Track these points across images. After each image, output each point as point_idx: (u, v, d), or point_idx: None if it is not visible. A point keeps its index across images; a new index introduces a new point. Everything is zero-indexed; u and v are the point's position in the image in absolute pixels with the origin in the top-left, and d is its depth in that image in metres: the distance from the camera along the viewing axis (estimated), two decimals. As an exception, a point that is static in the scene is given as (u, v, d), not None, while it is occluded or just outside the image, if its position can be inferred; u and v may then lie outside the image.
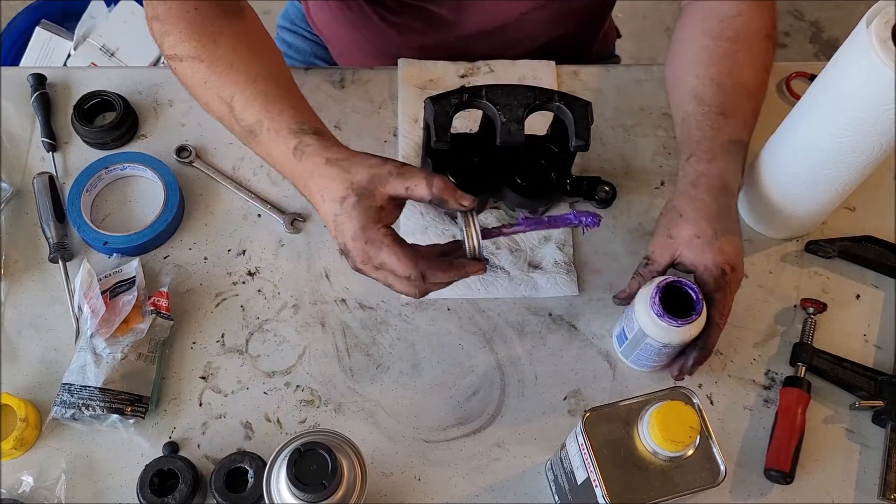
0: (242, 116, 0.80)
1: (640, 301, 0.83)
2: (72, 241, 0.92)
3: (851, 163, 0.84)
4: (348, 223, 0.73)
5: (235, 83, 0.81)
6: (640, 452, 0.69)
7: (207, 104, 0.84)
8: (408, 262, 0.73)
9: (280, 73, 0.85)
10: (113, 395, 0.82)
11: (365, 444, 0.82)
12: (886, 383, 0.88)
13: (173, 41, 0.83)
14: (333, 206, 0.74)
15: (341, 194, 0.74)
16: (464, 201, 0.74)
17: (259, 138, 0.80)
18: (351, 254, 0.75)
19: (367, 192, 0.74)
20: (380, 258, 0.73)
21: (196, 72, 0.82)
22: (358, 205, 0.73)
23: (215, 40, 0.82)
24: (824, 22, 2.32)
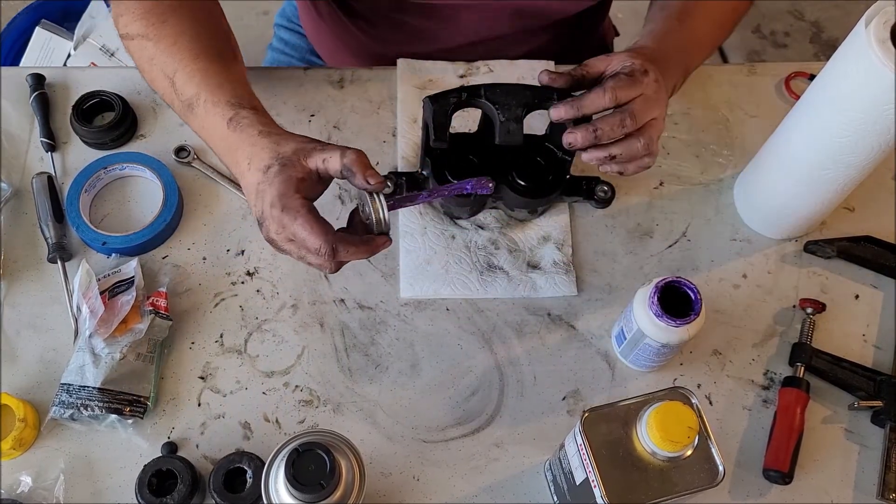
0: (183, 90, 0.81)
1: (639, 301, 0.83)
2: (70, 241, 0.92)
3: (850, 163, 0.84)
4: (269, 190, 0.73)
5: (179, 59, 0.82)
6: (638, 453, 0.69)
7: (153, 80, 0.85)
8: (319, 235, 0.72)
9: (225, 51, 0.85)
10: (111, 395, 0.82)
11: (364, 445, 0.83)
12: (885, 383, 0.88)
13: (126, 21, 0.85)
14: (257, 175, 0.74)
15: (266, 163, 0.74)
16: (371, 179, 0.73)
17: (195, 111, 0.81)
18: (266, 222, 0.74)
19: (291, 162, 0.74)
20: (292, 228, 0.73)
21: (144, 49, 0.84)
22: (280, 173, 0.73)
23: (164, 20, 0.84)
24: (824, 22, 2.32)
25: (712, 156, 1.03)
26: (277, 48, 1.27)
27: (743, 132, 1.05)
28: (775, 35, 2.30)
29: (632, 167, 0.84)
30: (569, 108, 0.80)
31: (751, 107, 1.07)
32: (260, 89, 0.88)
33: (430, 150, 0.89)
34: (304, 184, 0.74)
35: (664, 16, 0.93)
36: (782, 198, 0.93)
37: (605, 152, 0.82)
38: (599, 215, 0.98)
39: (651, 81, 0.81)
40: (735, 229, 0.99)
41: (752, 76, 1.09)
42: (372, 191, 0.74)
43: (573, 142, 0.80)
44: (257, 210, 0.75)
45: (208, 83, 0.81)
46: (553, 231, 0.96)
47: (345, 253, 0.74)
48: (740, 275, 0.96)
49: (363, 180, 0.73)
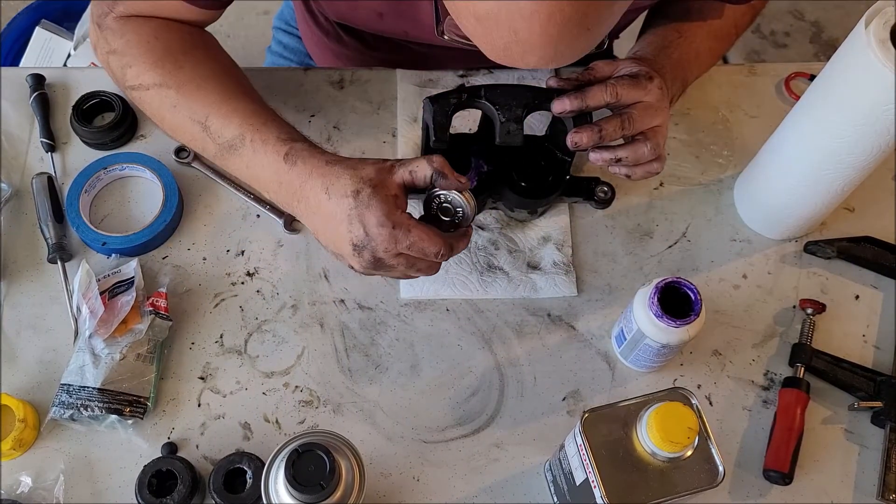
0: (221, 133, 0.81)
1: (639, 302, 0.83)
2: (70, 241, 0.92)
3: (850, 163, 0.84)
4: (370, 213, 0.73)
5: (209, 103, 0.81)
6: (638, 453, 0.69)
7: (177, 128, 0.84)
8: (437, 238, 0.75)
9: (250, 89, 0.86)
10: (111, 395, 0.82)
11: (363, 445, 0.83)
12: (885, 384, 0.88)
13: (136, 72, 0.84)
14: (346, 201, 0.74)
15: (353, 188, 0.74)
16: (462, 178, 0.76)
17: (240, 152, 0.80)
18: (372, 243, 0.74)
19: (380, 182, 0.74)
20: (409, 239, 0.74)
21: (164, 98, 0.83)
22: (374, 194, 0.73)
23: (180, 66, 0.83)
24: (824, 22, 2.32)
25: (712, 156, 1.03)
26: (276, 51, 1.27)
27: (743, 133, 1.05)
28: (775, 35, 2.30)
29: (640, 171, 0.84)
30: (572, 99, 0.81)
31: (751, 107, 1.06)
32: (260, 90, 0.88)
33: (430, 151, 0.89)
34: (399, 200, 0.75)
35: (664, 27, 0.93)
36: (782, 198, 0.93)
37: (612, 154, 0.82)
38: (599, 216, 0.98)
39: (655, 88, 0.82)
40: (735, 230, 0.99)
41: (752, 76, 1.09)
42: (464, 188, 0.77)
43: (578, 141, 0.81)
44: (356, 235, 0.74)
45: (251, 122, 0.80)
46: (553, 231, 0.96)
47: (456, 249, 0.77)
48: (740, 275, 0.96)
49: (456, 180, 0.76)
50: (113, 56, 0.85)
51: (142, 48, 0.84)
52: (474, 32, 0.64)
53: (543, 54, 0.63)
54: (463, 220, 0.79)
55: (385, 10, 0.91)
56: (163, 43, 0.84)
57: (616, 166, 0.84)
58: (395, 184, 0.75)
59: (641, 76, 0.82)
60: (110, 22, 0.85)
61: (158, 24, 0.85)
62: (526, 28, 0.60)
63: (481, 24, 0.62)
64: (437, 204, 0.79)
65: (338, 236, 0.75)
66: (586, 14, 0.60)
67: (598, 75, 0.84)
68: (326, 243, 0.78)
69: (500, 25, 0.61)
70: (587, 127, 0.81)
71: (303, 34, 1.21)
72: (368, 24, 0.96)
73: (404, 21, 0.92)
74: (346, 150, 1.00)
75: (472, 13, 0.62)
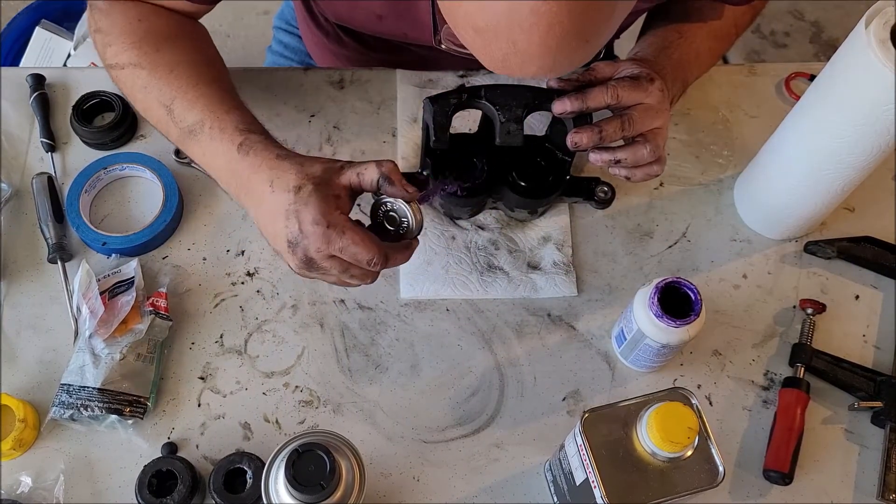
0: (183, 118, 0.81)
1: (639, 302, 0.83)
2: (71, 241, 0.92)
3: (850, 163, 0.84)
4: (306, 210, 0.72)
5: (177, 87, 0.82)
6: (638, 453, 0.69)
7: (146, 109, 0.85)
8: (371, 245, 0.73)
9: (222, 79, 0.85)
10: (111, 395, 0.82)
11: (364, 445, 0.83)
12: (885, 384, 0.88)
13: (115, 51, 0.84)
14: (286, 196, 0.73)
15: (295, 183, 0.73)
16: (408, 188, 0.75)
17: (198, 137, 0.80)
18: (305, 241, 0.72)
19: (324, 180, 0.73)
20: (342, 242, 0.72)
21: (136, 78, 0.83)
22: (315, 192, 0.72)
23: (158, 49, 0.84)
24: (824, 22, 2.32)
25: (712, 156, 1.03)
26: (276, 51, 1.27)
27: (743, 133, 1.05)
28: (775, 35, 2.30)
29: (639, 173, 0.84)
30: (573, 100, 0.80)
31: (751, 107, 1.06)
32: (260, 90, 0.88)
33: (430, 151, 0.89)
34: (340, 201, 0.74)
35: (664, 27, 0.93)
36: (782, 198, 0.93)
37: (612, 155, 0.82)
38: (599, 216, 0.98)
39: (656, 90, 0.82)
40: (735, 230, 0.99)
41: (752, 76, 1.09)
42: (411, 199, 0.75)
43: (578, 142, 0.81)
44: (291, 231, 0.73)
45: (212, 109, 0.80)
46: (553, 231, 0.96)
47: (393, 259, 0.75)
48: (740, 275, 0.96)
49: (402, 189, 0.74)
50: (98, 34, 0.86)
51: (125, 28, 0.85)
52: (473, 43, 0.64)
53: (542, 65, 0.63)
54: (407, 231, 0.77)
55: (384, 11, 0.91)
56: (145, 26, 0.85)
57: (616, 168, 0.84)
58: (341, 185, 0.74)
59: (642, 78, 0.82)
60: (100, 2, 0.86)
61: (145, 9, 0.86)
62: (525, 40, 0.60)
63: (480, 36, 0.62)
64: (384, 212, 0.77)
65: (276, 231, 0.74)
66: (585, 26, 0.60)
67: (599, 76, 0.84)
68: (267, 237, 0.77)
69: (498, 37, 0.61)
70: (587, 128, 0.81)
71: (303, 35, 1.21)
72: (367, 26, 0.96)
73: (403, 23, 0.92)
74: (346, 150, 1.00)
75: (470, 25, 0.62)
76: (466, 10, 0.61)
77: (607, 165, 0.84)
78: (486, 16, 0.60)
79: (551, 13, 0.58)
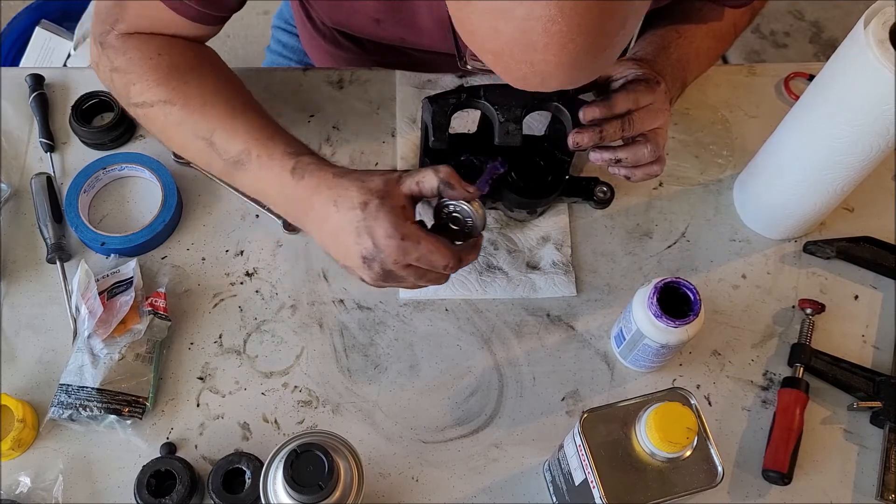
0: (226, 149, 0.80)
1: (638, 302, 0.83)
2: (70, 241, 0.92)
3: (850, 163, 0.84)
4: (378, 224, 0.73)
5: (214, 118, 0.81)
6: (637, 453, 0.69)
7: (183, 145, 0.84)
8: (446, 251, 0.74)
9: (254, 104, 0.85)
10: (110, 395, 0.82)
11: (362, 445, 0.83)
12: (884, 384, 0.88)
13: (140, 89, 0.83)
14: (353, 213, 0.73)
15: (361, 199, 0.73)
16: (469, 188, 0.76)
17: (246, 167, 0.80)
18: (381, 255, 0.73)
19: (388, 193, 0.74)
20: (418, 251, 0.73)
21: (168, 114, 0.82)
22: (382, 206, 0.73)
23: (185, 82, 0.83)
24: (824, 22, 2.32)
25: (712, 156, 1.03)
26: (275, 50, 1.27)
27: (742, 133, 1.05)
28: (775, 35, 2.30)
29: (639, 173, 0.84)
30: (602, 107, 0.81)
31: (750, 107, 1.06)
32: (259, 90, 0.88)
33: (429, 151, 0.89)
34: (406, 211, 0.75)
35: (663, 27, 0.93)
36: (782, 198, 0.93)
37: (612, 155, 0.83)
38: (599, 216, 0.98)
39: (661, 91, 0.82)
40: (734, 230, 0.99)
41: (752, 76, 1.09)
42: (472, 198, 0.76)
43: (580, 142, 0.81)
44: (365, 247, 0.73)
45: (256, 137, 0.80)
46: (552, 231, 0.96)
47: (465, 261, 0.76)
48: (739, 275, 0.96)
49: (463, 190, 0.75)
50: (116, 73, 0.84)
51: (146, 65, 0.83)
52: (493, 65, 0.64)
53: (562, 80, 0.63)
54: (472, 229, 0.78)
55: (382, 15, 0.91)
56: (167, 60, 0.84)
57: (616, 167, 0.84)
58: (403, 195, 0.75)
59: (651, 81, 0.82)
60: (112, 40, 0.84)
61: (162, 42, 0.85)
62: (541, 60, 0.61)
63: (498, 59, 0.63)
64: (447, 214, 0.78)
65: (347, 249, 0.75)
66: (599, 38, 0.60)
67: (601, 78, 0.84)
68: (336, 256, 0.77)
69: (515, 59, 0.61)
70: (587, 128, 0.81)
71: (301, 37, 1.21)
72: (365, 30, 0.96)
73: (401, 27, 0.92)
74: (345, 150, 1.00)
75: (488, 50, 0.62)
76: (481, 35, 0.62)
77: (607, 165, 0.84)
78: (501, 40, 0.61)
79: (562, 32, 0.58)
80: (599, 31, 0.59)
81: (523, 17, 0.58)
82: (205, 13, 0.83)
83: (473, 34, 0.63)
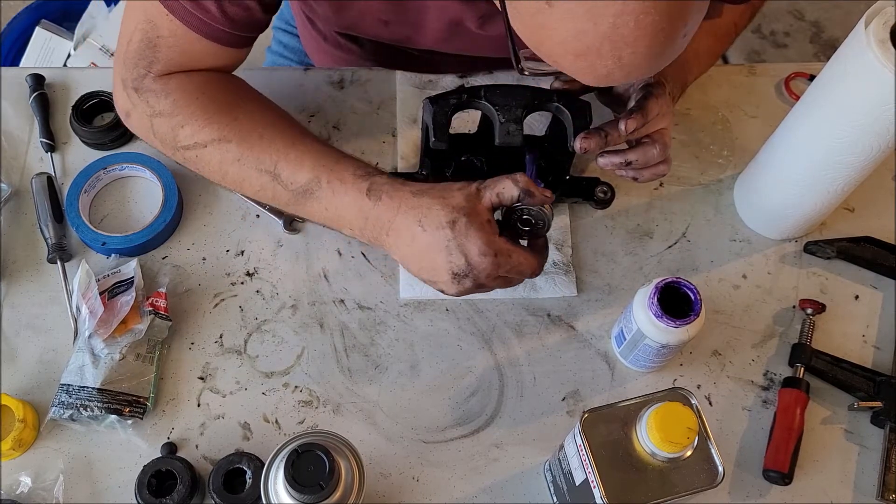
0: (293, 179, 0.80)
1: (639, 302, 0.83)
2: (70, 241, 0.92)
3: (850, 163, 0.84)
4: (470, 242, 0.74)
5: (275, 150, 0.80)
6: (638, 453, 0.69)
7: (243, 181, 0.82)
8: (533, 260, 0.77)
9: (309, 132, 0.85)
10: (111, 395, 0.82)
11: (363, 445, 0.83)
12: (885, 384, 0.88)
13: (191, 131, 0.82)
14: (442, 233, 0.74)
15: (449, 218, 0.74)
16: (547, 193, 0.77)
17: (316, 195, 0.79)
18: (474, 271, 0.74)
19: (473, 209, 0.75)
20: (510, 264, 0.75)
21: (226, 152, 0.81)
22: (471, 223, 0.74)
23: (235, 118, 0.82)
24: (824, 22, 2.32)
25: (712, 156, 1.03)
26: (276, 51, 1.27)
27: (743, 133, 1.05)
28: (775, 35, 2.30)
29: (647, 174, 0.85)
30: (639, 118, 0.81)
31: (751, 107, 1.06)
32: (260, 90, 0.88)
33: (429, 151, 0.89)
34: (491, 225, 0.76)
35: None
36: (782, 198, 0.93)
37: (622, 158, 0.83)
38: (599, 216, 0.98)
39: (666, 94, 0.83)
40: (735, 230, 0.99)
41: (752, 77, 1.09)
42: (549, 202, 0.78)
43: (587, 147, 0.81)
44: (457, 265, 0.74)
45: (323, 164, 0.80)
46: (553, 232, 0.96)
47: (543, 267, 0.80)
48: (740, 275, 0.96)
49: (542, 196, 0.76)
50: (160, 118, 0.82)
51: (192, 106, 0.81)
52: (573, 67, 0.64)
53: (647, 70, 0.64)
54: (542, 230, 0.80)
55: (391, 17, 0.90)
56: (211, 97, 0.82)
57: (624, 170, 0.84)
58: (484, 209, 0.76)
59: (657, 84, 0.82)
60: (150, 83, 0.82)
61: (201, 78, 0.83)
62: (631, 53, 0.61)
63: (581, 59, 0.62)
64: (518, 217, 0.79)
65: (436, 266, 0.75)
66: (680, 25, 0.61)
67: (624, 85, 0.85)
68: (419, 272, 0.78)
69: (602, 56, 0.61)
70: (594, 132, 0.81)
71: (301, 37, 1.21)
72: (372, 32, 0.95)
73: (409, 27, 0.92)
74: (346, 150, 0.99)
75: (569, 52, 0.62)
76: (563, 38, 0.61)
77: (616, 168, 0.84)
78: (588, 40, 0.60)
79: (654, 23, 0.59)
80: (680, 16, 0.60)
81: (616, 14, 0.58)
82: (237, 36, 0.82)
83: (552, 38, 0.62)
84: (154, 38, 0.81)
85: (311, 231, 0.95)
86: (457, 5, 0.87)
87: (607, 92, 0.88)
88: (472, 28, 0.90)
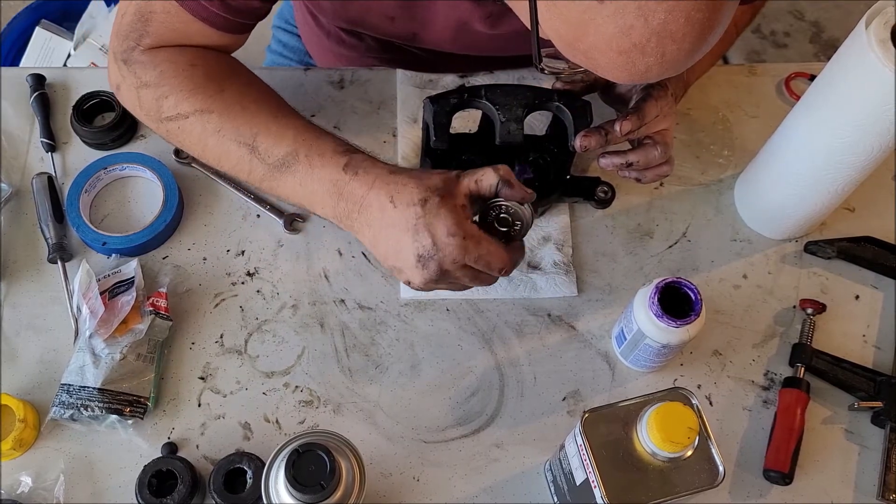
0: (270, 152, 0.78)
1: (639, 302, 0.83)
2: (71, 241, 0.92)
3: (851, 163, 0.84)
4: (439, 222, 0.71)
5: (256, 123, 0.79)
6: (638, 453, 0.69)
7: (221, 154, 0.81)
8: (502, 253, 0.74)
9: (295, 110, 0.84)
10: (112, 395, 0.82)
11: (364, 445, 0.82)
12: (885, 384, 0.88)
13: (174, 101, 0.81)
14: (413, 210, 0.72)
15: (420, 196, 0.72)
16: (527, 190, 0.75)
17: (292, 168, 0.78)
18: (440, 253, 0.71)
19: (448, 191, 0.73)
20: (478, 251, 0.72)
21: (206, 123, 0.80)
22: (443, 203, 0.72)
23: (222, 89, 0.81)
24: (824, 22, 2.32)
25: (712, 156, 1.03)
26: (276, 51, 1.27)
27: (743, 133, 1.05)
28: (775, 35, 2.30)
29: (650, 175, 0.85)
30: (636, 119, 0.81)
31: (751, 107, 1.07)
32: (260, 90, 0.88)
33: (430, 151, 0.89)
34: (466, 210, 0.73)
35: None
36: (782, 198, 0.93)
37: (623, 159, 0.83)
38: (599, 216, 0.98)
39: (668, 95, 0.83)
40: (735, 230, 0.99)
41: (753, 77, 1.09)
42: (529, 199, 0.75)
43: (587, 145, 0.81)
44: (422, 245, 0.71)
45: (304, 137, 0.78)
46: (553, 231, 0.96)
47: (515, 265, 0.76)
48: (740, 275, 0.96)
49: (522, 190, 0.74)
50: (146, 89, 0.82)
51: (179, 77, 0.81)
52: (610, 64, 0.63)
53: (682, 67, 0.64)
54: (520, 231, 0.78)
55: (397, 13, 0.90)
56: (201, 70, 0.82)
57: (626, 171, 0.84)
58: (462, 193, 0.74)
59: (660, 85, 0.82)
60: (139, 55, 0.82)
61: (194, 53, 0.83)
62: (675, 49, 0.61)
63: (624, 56, 0.62)
64: (496, 214, 0.77)
65: (400, 247, 0.73)
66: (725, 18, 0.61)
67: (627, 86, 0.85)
68: (385, 256, 0.75)
69: (646, 53, 0.61)
70: (594, 131, 0.81)
71: (302, 34, 1.21)
72: (378, 28, 0.95)
73: (415, 24, 0.91)
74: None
75: (613, 48, 0.61)
76: (609, 34, 0.60)
77: (617, 169, 0.84)
78: (635, 36, 0.60)
79: (703, 21, 0.59)
80: (722, 14, 0.60)
81: (668, 10, 0.58)
82: (233, 21, 0.82)
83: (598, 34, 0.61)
84: (147, 13, 0.81)
85: (311, 231, 0.95)
86: (466, 4, 0.87)
87: (610, 91, 0.88)
88: (479, 27, 0.90)
